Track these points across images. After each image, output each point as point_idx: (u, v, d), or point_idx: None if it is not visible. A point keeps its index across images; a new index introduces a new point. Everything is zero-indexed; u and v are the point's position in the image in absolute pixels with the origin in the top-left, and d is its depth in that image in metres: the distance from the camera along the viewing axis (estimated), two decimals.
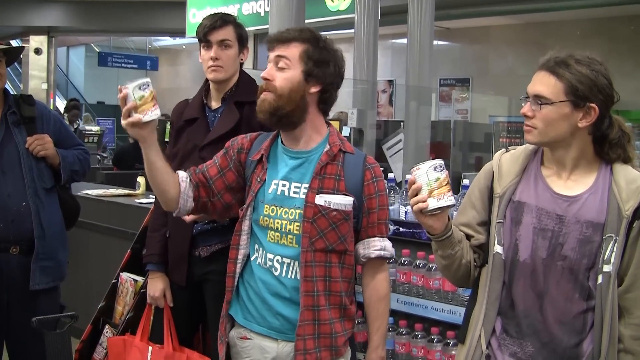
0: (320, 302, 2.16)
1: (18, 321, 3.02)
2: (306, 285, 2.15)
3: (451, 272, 2.02)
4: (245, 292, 2.28)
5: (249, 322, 2.26)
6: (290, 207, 2.20)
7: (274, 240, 2.21)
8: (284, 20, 4.64)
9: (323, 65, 2.20)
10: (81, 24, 14.65)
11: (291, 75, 2.17)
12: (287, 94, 2.16)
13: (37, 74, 15.43)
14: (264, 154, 2.26)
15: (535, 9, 10.08)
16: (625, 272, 1.85)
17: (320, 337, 2.16)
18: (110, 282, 3.13)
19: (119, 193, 5.08)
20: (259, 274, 2.23)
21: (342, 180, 2.20)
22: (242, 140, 2.33)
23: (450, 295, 2.62)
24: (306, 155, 2.24)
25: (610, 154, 1.91)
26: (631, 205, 1.84)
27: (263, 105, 2.18)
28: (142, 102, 2.03)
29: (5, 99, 3.11)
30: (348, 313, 2.24)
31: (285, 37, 2.20)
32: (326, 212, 2.16)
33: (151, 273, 2.80)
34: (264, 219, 2.22)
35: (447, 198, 1.85)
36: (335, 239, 2.17)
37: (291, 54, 2.18)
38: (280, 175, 2.23)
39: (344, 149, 2.25)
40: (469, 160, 8.31)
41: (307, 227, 2.16)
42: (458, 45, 13.10)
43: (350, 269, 2.24)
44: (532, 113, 1.88)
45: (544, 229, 1.91)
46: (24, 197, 3.02)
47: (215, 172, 2.29)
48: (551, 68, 1.87)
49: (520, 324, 1.93)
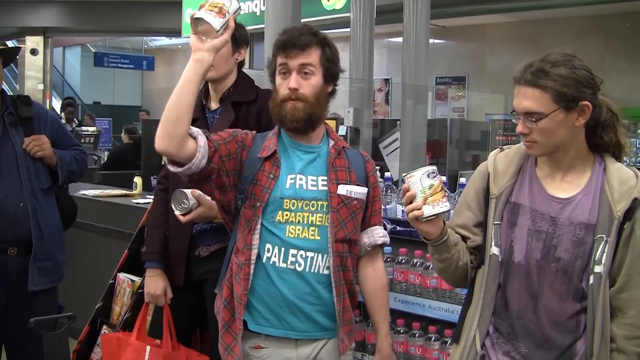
0: (344, 291, 2.26)
1: (16, 322, 3.02)
2: (335, 276, 2.22)
3: (448, 274, 2.03)
4: (255, 297, 2.21)
5: (263, 327, 2.21)
6: (311, 199, 2.22)
7: (294, 234, 2.20)
8: (280, 19, 4.64)
9: (336, 65, 2.28)
10: (77, 24, 14.63)
11: (316, 81, 2.23)
12: (316, 99, 2.22)
13: (33, 74, 15.40)
14: (276, 150, 2.26)
15: (530, 7, 10.10)
16: (617, 272, 1.85)
17: (343, 324, 2.26)
18: (108, 282, 3.13)
19: (116, 193, 5.09)
20: (277, 274, 2.19)
21: (353, 172, 2.29)
22: (245, 136, 2.28)
23: (447, 294, 2.63)
24: (317, 149, 2.30)
25: (604, 137, 1.91)
26: (622, 206, 1.84)
27: (297, 114, 2.19)
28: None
29: (2, 100, 3.10)
30: (354, 300, 2.35)
31: (304, 42, 2.20)
32: (348, 201, 2.24)
33: (150, 270, 2.77)
34: (284, 214, 2.20)
35: (442, 204, 1.86)
36: (352, 228, 2.26)
37: (313, 60, 2.22)
38: (297, 170, 2.25)
39: (342, 144, 2.36)
40: (465, 159, 8.34)
41: (334, 217, 2.21)
42: (454, 44, 13.11)
43: (355, 259, 2.33)
44: (528, 130, 1.86)
45: (538, 231, 1.91)
46: (21, 197, 3.02)
47: (225, 153, 2.19)
48: (531, 81, 1.83)
49: (513, 325, 1.94)
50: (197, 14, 2.01)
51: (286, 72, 2.21)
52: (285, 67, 2.21)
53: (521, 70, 1.86)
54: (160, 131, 2.01)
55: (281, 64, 2.22)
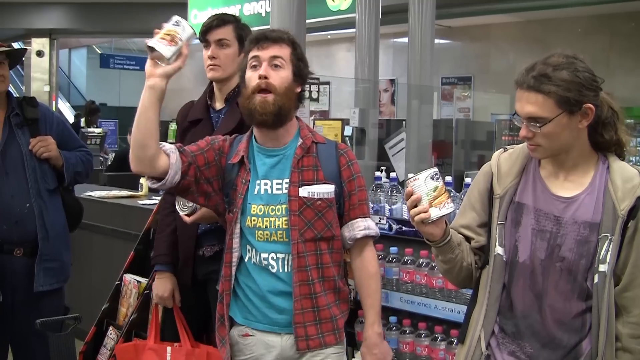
0: (316, 290, 2.24)
1: (22, 322, 3.03)
2: (300, 275, 2.21)
3: (453, 275, 2.03)
4: (242, 293, 2.30)
5: (250, 321, 2.29)
6: (276, 203, 2.24)
7: (263, 239, 2.25)
8: (285, 20, 4.64)
9: (305, 66, 2.30)
10: (83, 25, 14.65)
11: (286, 75, 2.25)
12: (285, 92, 2.23)
13: (39, 76, 15.44)
14: (243, 155, 2.29)
15: (536, 7, 10.07)
16: (622, 271, 1.84)
17: (321, 322, 2.24)
18: (114, 283, 3.13)
19: (122, 194, 5.10)
20: (255, 274, 2.27)
21: (320, 170, 2.27)
22: (222, 143, 2.34)
23: (453, 294, 2.63)
24: (282, 152, 2.29)
25: (605, 135, 1.90)
26: (626, 205, 1.83)
27: (266, 107, 2.19)
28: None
29: (8, 101, 3.12)
30: (342, 295, 2.32)
31: (277, 36, 2.26)
32: (311, 202, 2.23)
33: (159, 273, 2.81)
34: (252, 219, 2.26)
35: (447, 206, 1.86)
36: (322, 227, 2.25)
37: (284, 54, 2.25)
38: (261, 175, 2.28)
39: (316, 140, 2.33)
40: (471, 159, 8.32)
41: (295, 220, 2.22)
42: (459, 44, 13.09)
43: (339, 253, 2.32)
44: (532, 134, 1.85)
45: (542, 230, 1.91)
46: (27, 198, 3.03)
47: (203, 163, 2.27)
48: (534, 86, 1.81)
49: (518, 325, 1.93)
50: (149, 42, 2.09)
51: (257, 65, 2.24)
52: (257, 59, 2.24)
53: (523, 74, 1.84)
54: (131, 155, 2.15)
55: (253, 57, 2.25)
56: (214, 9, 8.69)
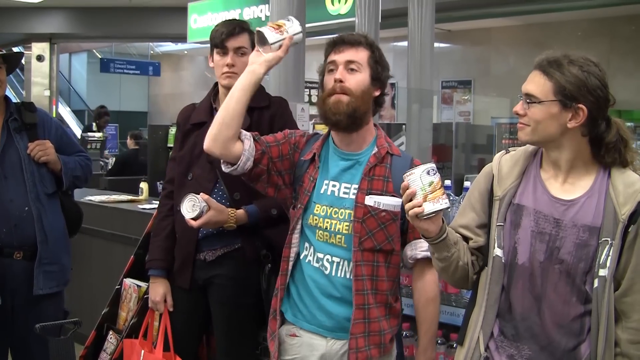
0: (369, 301, 2.20)
1: (22, 326, 3.04)
2: (357, 284, 2.19)
3: (448, 274, 2.02)
4: (295, 290, 2.31)
5: (298, 319, 2.29)
6: (340, 207, 2.24)
7: (323, 239, 2.25)
8: None
9: (384, 69, 2.29)
10: (83, 30, 14.66)
11: (363, 78, 2.24)
12: (361, 95, 2.22)
13: (39, 80, 15.44)
14: (316, 153, 2.30)
15: (536, 10, 10.08)
16: (622, 276, 1.84)
17: (370, 335, 2.21)
18: (114, 288, 3.13)
19: (122, 199, 5.10)
20: (310, 273, 2.27)
21: (391, 182, 2.24)
22: (299, 138, 2.36)
23: (453, 298, 2.63)
24: (357, 157, 2.28)
25: (606, 157, 1.89)
26: (627, 209, 1.83)
27: (339, 107, 2.20)
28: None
29: (6, 106, 3.12)
30: (393, 311, 2.29)
31: (354, 40, 2.26)
32: (375, 212, 2.20)
33: (152, 278, 2.82)
34: (314, 218, 2.26)
35: (442, 201, 1.85)
36: (383, 238, 2.21)
37: (360, 58, 2.25)
38: (331, 176, 2.28)
39: (391, 151, 2.30)
40: (471, 162, 8.32)
41: (357, 227, 2.20)
42: (460, 47, 13.10)
43: (396, 269, 2.29)
44: (524, 111, 1.89)
45: (541, 232, 1.91)
46: (26, 202, 3.04)
47: (277, 155, 2.29)
48: (543, 67, 1.87)
49: (517, 327, 1.93)
50: (259, 28, 2.22)
51: (333, 70, 2.25)
52: (334, 63, 2.25)
53: (542, 57, 1.90)
54: (209, 132, 2.22)
55: (330, 61, 2.26)
56: (214, 14, 8.71)
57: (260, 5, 8.05)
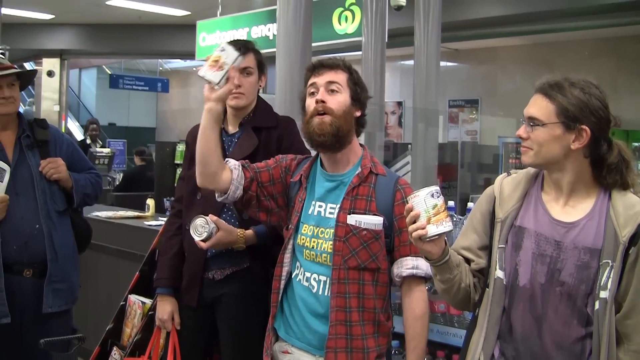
0: (353, 318, 2.22)
1: (31, 344, 3.03)
2: (337, 301, 2.22)
3: (451, 295, 2.04)
4: (288, 308, 2.36)
5: (290, 337, 2.34)
6: (326, 227, 2.28)
7: (310, 258, 2.30)
8: (291, 43, 4.66)
9: (363, 90, 2.35)
10: (93, 46, 14.79)
11: (344, 99, 2.30)
12: (343, 115, 2.28)
13: (49, 95, 15.55)
14: (302, 175, 2.36)
15: (542, 30, 10.11)
16: (623, 298, 1.85)
17: (352, 351, 2.22)
18: (119, 303, 3.15)
19: (128, 215, 5.12)
20: (299, 291, 2.32)
21: (374, 201, 2.28)
22: (290, 162, 2.43)
23: (455, 319, 2.63)
24: (341, 178, 2.33)
25: (608, 178, 1.91)
26: (628, 232, 1.84)
27: (324, 127, 2.25)
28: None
29: (19, 123, 3.15)
30: (382, 329, 2.29)
31: (333, 63, 2.32)
32: (357, 231, 2.24)
33: (160, 296, 2.83)
34: (301, 237, 2.32)
35: (445, 224, 1.87)
36: (366, 257, 2.24)
37: (340, 79, 2.31)
38: (318, 197, 2.33)
39: (376, 171, 2.33)
40: (477, 182, 8.31)
41: (339, 245, 2.24)
42: (466, 66, 13.15)
43: (384, 287, 2.30)
44: (527, 135, 1.91)
45: (542, 255, 1.92)
46: (36, 219, 3.05)
47: (267, 179, 2.37)
48: (544, 91, 1.90)
49: (518, 349, 1.94)
50: (199, 72, 2.24)
51: (314, 92, 2.31)
52: (314, 86, 2.31)
53: (542, 81, 1.93)
54: (196, 170, 2.33)
55: (310, 84, 2.32)
56: (222, 32, 8.77)
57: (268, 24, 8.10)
